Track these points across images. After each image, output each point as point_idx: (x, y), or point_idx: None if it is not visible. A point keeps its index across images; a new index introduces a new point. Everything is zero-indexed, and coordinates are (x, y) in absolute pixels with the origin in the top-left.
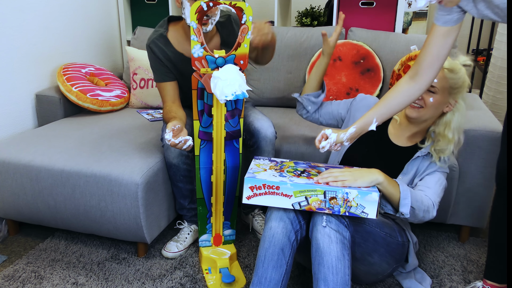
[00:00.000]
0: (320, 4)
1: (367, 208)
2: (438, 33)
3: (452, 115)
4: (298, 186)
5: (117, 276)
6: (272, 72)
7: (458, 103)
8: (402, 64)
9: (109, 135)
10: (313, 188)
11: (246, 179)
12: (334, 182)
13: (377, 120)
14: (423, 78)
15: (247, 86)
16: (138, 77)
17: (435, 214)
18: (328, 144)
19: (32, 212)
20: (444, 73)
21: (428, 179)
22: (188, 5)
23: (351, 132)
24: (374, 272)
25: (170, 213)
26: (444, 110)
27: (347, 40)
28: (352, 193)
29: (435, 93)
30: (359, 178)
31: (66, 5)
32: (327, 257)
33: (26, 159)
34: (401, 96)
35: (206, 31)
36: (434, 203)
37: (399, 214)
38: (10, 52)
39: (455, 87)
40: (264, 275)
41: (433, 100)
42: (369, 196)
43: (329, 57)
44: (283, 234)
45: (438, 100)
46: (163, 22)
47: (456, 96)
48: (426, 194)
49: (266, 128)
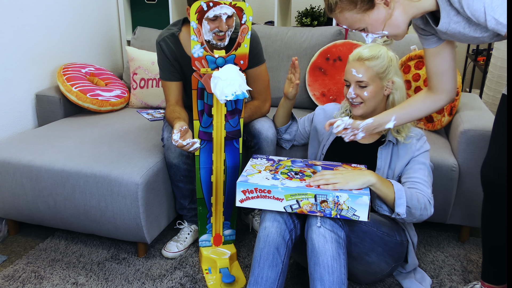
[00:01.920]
0: (320, 4)
1: (358, 211)
2: (430, 54)
3: (393, 94)
4: (289, 190)
5: (117, 276)
6: (272, 72)
7: (395, 82)
8: (402, 64)
9: (109, 135)
10: (304, 192)
11: (238, 183)
12: (325, 185)
13: (396, 120)
14: (439, 91)
15: (247, 86)
16: (138, 77)
17: (433, 211)
18: (343, 124)
19: (32, 212)
20: (366, 64)
21: (411, 170)
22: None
23: (368, 122)
24: (373, 271)
25: (170, 213)
26: (385, 93)
27: (347, 40)
28: (342, 196)
29: (366, 86)
30: (351, 180)
31: (66, 5)
32: (322, 257)
33: (26, 159)
34: (423, 104)
35: (224, 45)
36: (430, 200)
37: (395, 214)
38: (10, 52)
39: (382, 71)
40: (260, 274)
41: (367, 94)
42: (360, 199)
43: (294, 99)
44: (277, 233)
45: (372, 90)
46: (177, 21)
47: (388, 77)
48: (419, 191)
49: (267, 129)
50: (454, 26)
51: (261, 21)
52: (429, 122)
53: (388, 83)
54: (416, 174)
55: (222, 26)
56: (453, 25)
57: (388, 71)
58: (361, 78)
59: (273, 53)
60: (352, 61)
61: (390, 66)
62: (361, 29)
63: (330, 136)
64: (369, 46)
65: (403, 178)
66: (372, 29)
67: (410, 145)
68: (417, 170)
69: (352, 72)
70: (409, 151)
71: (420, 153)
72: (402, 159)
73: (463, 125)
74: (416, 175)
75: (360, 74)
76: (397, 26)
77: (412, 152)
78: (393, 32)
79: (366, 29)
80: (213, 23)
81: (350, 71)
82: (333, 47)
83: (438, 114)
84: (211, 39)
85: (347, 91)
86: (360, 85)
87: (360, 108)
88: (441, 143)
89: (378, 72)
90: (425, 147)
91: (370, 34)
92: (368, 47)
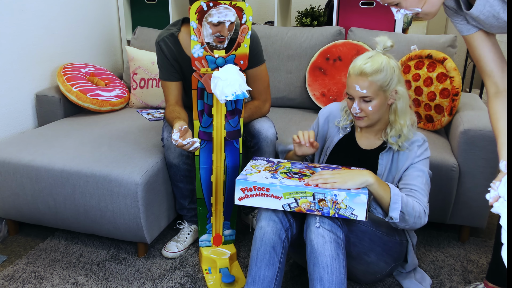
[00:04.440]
0: (320, 4)
1: (356, 210)
2: (478, 40)
3: (396, 103)
4: (288, 188)
5: (117, 276)
6: (272, 72)
7: (398, 92)
8: (402, 64)
9: (109, 135)
10: (302, 190)
11: (237, 181)
12: (323, 184)
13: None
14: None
15: (247, 86)
16: (138, 77)
17: (427, 221)
18: None
19: (32, 212)
20: (369, 79)
21: (409, 177)
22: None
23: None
24: (372, 271)
25: (170, 213)
26: (389, 103)
27: (347, 40)
28: (340, 195)
29: (370, 100)
30: (349, 180)
31: (66, 5)
32: (321, 257)
33: (26, 159)
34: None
35: (223, 47)
36: (426, 209)
37: (388, 218)
38: (10, 52)
39: (386, 84)
40: (257, 273)
41: (372, 108)
42: (358, 198)
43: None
44: (273, 232)
45: (376, 104)
46: (176, 21)
47: (392, 87)
48: (416, 199)
49: (267, 129)
50: (489, 9)
51: (261, 21)
52: (429, 122)
53: (392, 93)
54: (414, 182)
55: (224, 31)
56: (488, 8)
57: (391, 82)
58: (366, 93)
59: (273, 53)
60: (354, 76)
61: (393, 77)
62: (395, 3)
63: (334, 139)
64: (370, 58)
65: (401, 184)
66: (408, 5)
67: (411, 149)
68: (415, 177)
69: (356, 88)
70: (410, 157)
71: (420, 160)
72: (403, 165)
73: (463, 125)
74: (413, 182)
75: (364, 90)
76: (433, 5)
77: (412, 159)
78: (428, 10)
79: (399, 4)
80: (215, 28)
81: (353, 87)
82: (333, 47)
83: (438, 114)
84: (211, 41)
85: (351, 105)
86: (365, 100)
87: (364, 121)
88: (441, 143)
89: (382, 85)
90: (425, 154)
91: (402, 10)
92: (370, 60)
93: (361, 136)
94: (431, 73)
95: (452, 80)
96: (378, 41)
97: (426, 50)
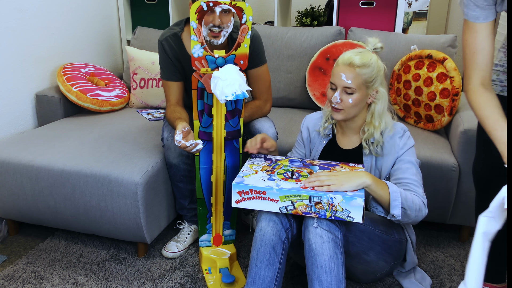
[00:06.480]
0: (320, 4)
1: (353, 213)
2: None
3: (375, 104)
4: (284, 191)
5: (117, 276)
6: (272, 72)
7: (379, 92)
8: (402, 64)
9: (109, 135)
10: (299, 194)
11: (234, 185)
12: (320, 186)
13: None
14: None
15: (247, 86)
16: (138, 77)
17: (427, 212)
18: None
19: (32, 212)
20: (356, 71)
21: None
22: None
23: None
24: (372, 270)
25: (170, 213)
26: (368, 101)
27: (347, 40)
28: (337, 198)
29: (353, 93)
30: (346, 182)
31: (66, 5)
32: (320, 257)
33: (26, 159)
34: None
35: (218, 43)
36: (424, 201)
37: (390, 216)
38: (10, 52)
39: (370, 80)
40: (257, 274)
41: (352, 101)
42: (354, 201)
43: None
44: (273, 233)
45: (357, 98)
46: (180, 21)
47: (374, 86)
48: (413, 192)
49: (267, 129)
50: None
51: (261, 21)
52: (429, 122)
53: (373, 92)
54: (405, 175)
55: (215, 20)
56: None
57: (375, 80)
58: (350, 84)
59: (273, 53)
60: (342, 65)
61: (378, 76)
62: None
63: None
64: (360, 52)
65: (393, 180)
66: None
67: (393, 143)
68: (405, 170)
69: (342, 77)
70: (393, 150)
71: (404, 151)
72: (387, 157)
73: (463, 125)
74: (405, 176)
75: (350, 81)
76: None
77: (396, 152)
78: None
79: None
80: (207, 18)
81: (339, 75)
82: (333, 47)
83: (438, 114)
84: (205, 35)
85: (332, 95)
86: (347, 91)
87: (341, 114)
88: (441, 143)
89: (366, 80)
90: (409, 144)
91: None
92: (360, 54)
93: (341, 137)
94: (431, 73)
95: (452, 80)
96: (369, 40)
97: (426, 50)
